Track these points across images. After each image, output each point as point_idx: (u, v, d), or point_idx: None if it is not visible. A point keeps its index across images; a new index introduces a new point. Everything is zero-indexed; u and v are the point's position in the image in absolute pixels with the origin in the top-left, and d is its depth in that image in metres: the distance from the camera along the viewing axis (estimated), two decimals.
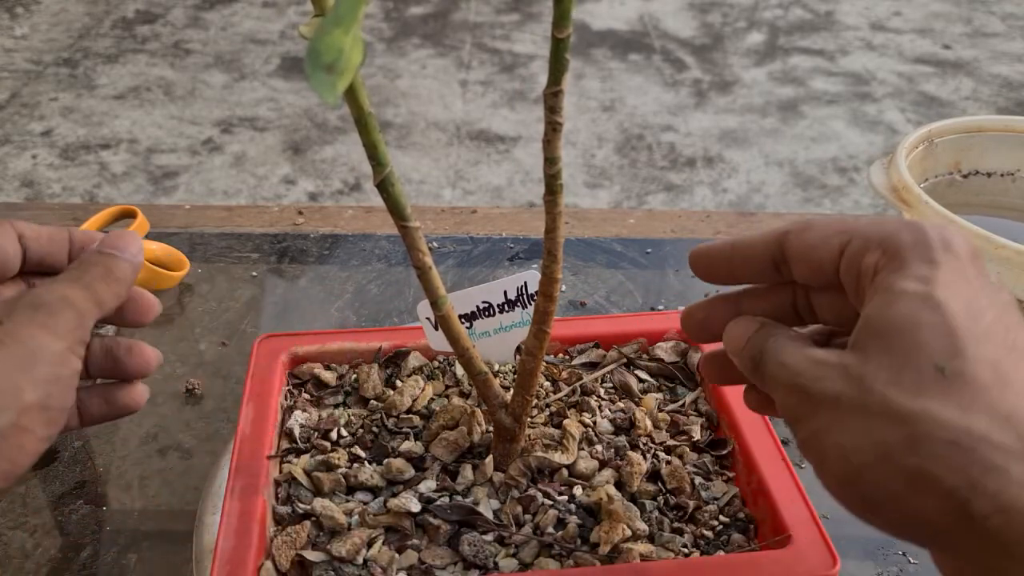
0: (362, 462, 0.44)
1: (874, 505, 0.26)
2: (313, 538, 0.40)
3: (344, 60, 0.23)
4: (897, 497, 0.25)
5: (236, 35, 3.03)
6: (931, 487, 0.25)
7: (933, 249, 0.28)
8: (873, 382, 0.26)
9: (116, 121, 2.50)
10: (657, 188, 2.25)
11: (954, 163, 0.74)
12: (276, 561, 0.39)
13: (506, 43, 3.03)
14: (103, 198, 2.17)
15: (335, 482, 0.42)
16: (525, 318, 0.46)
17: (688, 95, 2.71)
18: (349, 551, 0.39)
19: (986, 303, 0.27)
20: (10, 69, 2.77)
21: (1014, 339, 0.27)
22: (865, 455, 0.26)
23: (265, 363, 0.49)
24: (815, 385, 0.28)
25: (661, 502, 0.43)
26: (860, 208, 2.17)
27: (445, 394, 0.49)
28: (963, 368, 0.26)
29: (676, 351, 0.52)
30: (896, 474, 0.25)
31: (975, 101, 2.69)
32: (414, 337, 0.52)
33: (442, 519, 0.40)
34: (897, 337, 0.27)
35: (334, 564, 0.39)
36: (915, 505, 0.25)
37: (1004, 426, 0.25)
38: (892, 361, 0.26)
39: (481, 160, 2.36)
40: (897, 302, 0.27)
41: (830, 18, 3.28)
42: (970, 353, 0.26)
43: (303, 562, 0.39)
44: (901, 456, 0.25)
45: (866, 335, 0.28)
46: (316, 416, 0.47)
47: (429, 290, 0.38)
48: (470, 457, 0.44)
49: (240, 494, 0.41)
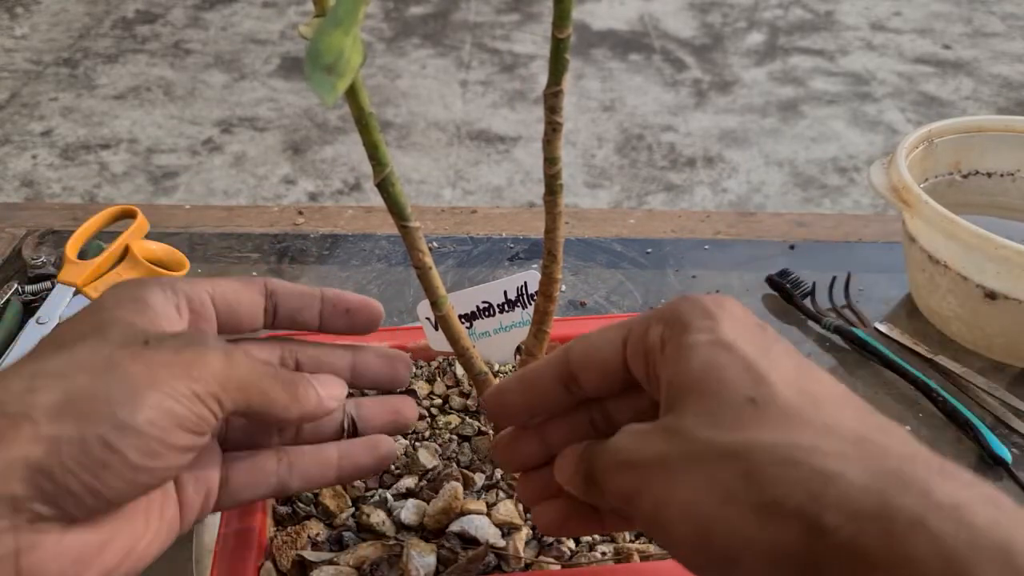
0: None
1: (733, 557, 0.25)
2: (313, 538, 0.40)
3: (344, 61, 0.23)
4: (752, 539, 0.24)
5: (236, 35, 3.03)
6: (779, 513, 0.24)
7: (709, 307, 0.30)
8: (693, 430, 0.26)
9: (116, 121, 2.50)
10: (657, 188, 2.25)
11: (954, 163, 0.74)
12: (276, 561, 0.39)
13: (506, 43, 3.03)
14: (103, 198, 2.17)
15: (335, 491, 0.42)
16: (525, 318, 0.46)
17: (688, 95, 2.71)
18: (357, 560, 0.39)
19: (768, 339, 0.29)
20: (10, 69, 2.77)
21: (798, 362, 0.28)
22: (708, 504, 0.25)
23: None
24: (641, 453, 0.28)
25: None
26: (860, 208, 2.17)
27: (446, 395, 0.49)
28: (772, 393, 0.26)
29: None
30: (743, 512, 0.24)
31: (975, 101, 2.69)
32: (413, 337, 0.52)
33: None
34: (702, 383, 0.27)
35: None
36: (771, 539, 0.24)
37: (828, 436, 0.25)
38: (704, 406, 0.27)
39: (481, 160, 2.36)
40: (692, 355, 0.28)
41: (830, 18, 3.28)
42: (772, 379, 0.27)
43: (303, 562, 0.39)
44: (742, 492, 0.25)
45: (673, 394, 0.28)
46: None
47: (429, 290, 0.38)
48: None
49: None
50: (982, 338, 0.65)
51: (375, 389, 0.43)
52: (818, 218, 0.83)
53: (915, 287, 0.70)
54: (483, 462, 0.45)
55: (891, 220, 0.83)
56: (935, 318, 0.68)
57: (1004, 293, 0.61)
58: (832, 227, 0.82)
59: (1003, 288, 0.61)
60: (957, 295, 0.64)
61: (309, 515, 0.42)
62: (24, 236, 0.76)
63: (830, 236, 0.80)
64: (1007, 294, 0.61)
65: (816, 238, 0.80)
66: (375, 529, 0.40)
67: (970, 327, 0.65)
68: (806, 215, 0.83)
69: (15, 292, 0.69)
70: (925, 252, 0.66)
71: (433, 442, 0.46)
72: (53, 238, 0.76)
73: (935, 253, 0.65)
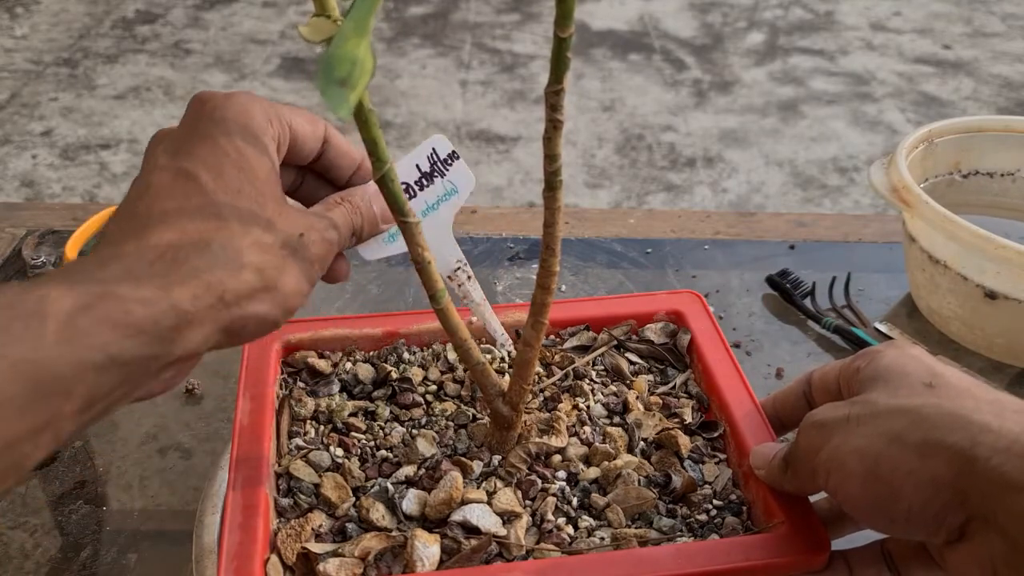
0: (363, 457, 0.44)
1: (894, 489, 0.31)
2: (317, 530, 0.40)
3: (358, 72, 0.23)
4: (912, 471, 0.31)
5: (236, 35, 3.03)
6: (939, 450, 0.30)
7: (898, 343, 0.38)
8: (875, 399, 0.34)
9: (116, 121, 2.50)
10: (657, 188, 2.25)
11: (954, 163, 0.74)
12: (282, 555, 0.39)
13: (506, 43, 3.03)
14: (103, 198, 2.17)
15: (336, 482, 0.43)
16: (448, 188, 0.43)
17: (688, 95, 2.71)
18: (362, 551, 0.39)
19: (947, 367, 0.36)
20: (10, 69, 2.77)
21: (971, 379, 0.35)
22: (878, 445, 0.32)
23: (258, 353, 0.48)
24: (830, 415, 0.35)
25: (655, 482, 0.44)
26: (860, 208, 2.17)
27: (440, 380, 0.49)
28: (945, 382, 0.33)
29: (665, 332, 0.52)
30: (907, 450, 0.31)
31: (975, 101, 2.69)
32: (407, 323, 0.52)
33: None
34: (888, 372, 0.35)
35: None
36: (929, 471, 0.30)
37: (988, 408, 0.31)
38: (887, 387, 0.34)
39: (481, 160, 2.36)
40: (883, 357, 0.36)
41: (830, 18, 3.28)
42: (947, 375, 0.34)
43: (308, 555, 0.39)
44: (909, 435, 0.31)
45: (863, 386, 0.36)
46: (312, 407, 0.47)
47: (428, 284, 0.38)
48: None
49: (242, 487, 0.41)
50: (982, 338, 0.65)
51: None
52: (818, 218, 0.83)
53: (915, 287, 0.70)
54: (480, 449, 0.45)
55: (891, 220, 0.83)
56: (935, 318, 0.68)
57: (1004, 293, 0.61)
58: (832, 227, 0.82)
59: (1003, 288, 0.61)
60: (957, 295, 0.64)
61: (312, 506, 0.42)
62: (24, 236, 0.76)
63: (830, 236, 0.80)
64: (1007, 294, 0.61)
65: (816, 238, 0.80)
66: (376, 525, 0.41)
67: (970, 327, 0.65)
68: (806, 215, 0.83)
69: None
70: (925, 252, 0.66)
71: (430, 429, 0.46)
72: (53, 238, 0.76)
73: (935, 253, 0.65)
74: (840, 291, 0.72)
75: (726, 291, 0.72)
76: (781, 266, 0.73)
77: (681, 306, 0.53)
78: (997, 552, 0.29)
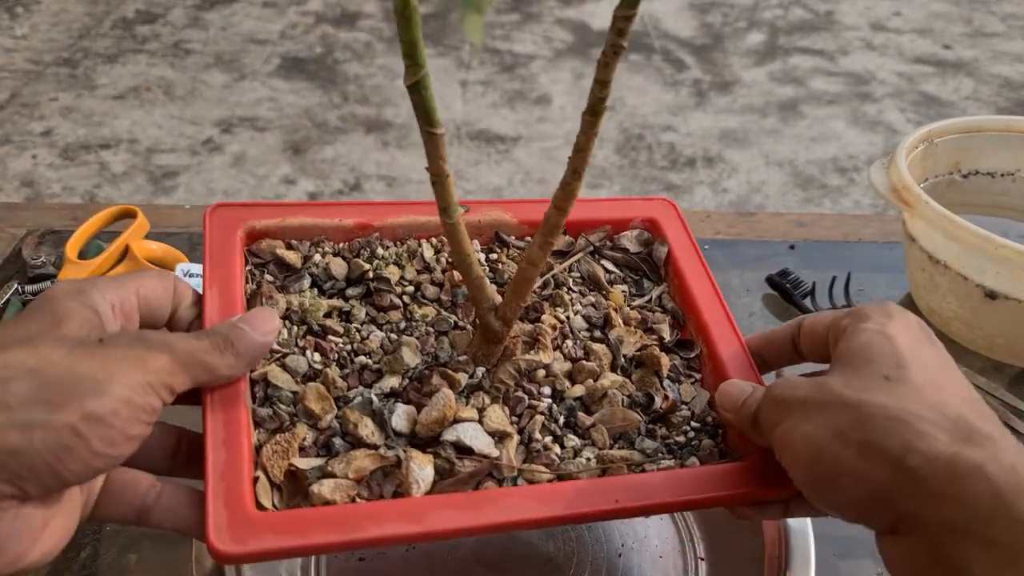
0: (341, 362, 0.42)
1: (833, 479, 0.33)
2: (301, 443, 0.38)
3: None
4: (850, 468, 0.32)
5: (236, 35, 3.03)
6: (875, 453, 0.31)
7: (890, 309, 0.38)
8: (832, 386, 0.34)
9: (116, 121, 2.50)
10: (657, 188, 2.25)
11: (954, 163, 0.74)
12: (269, 473, 0.36)
13: (506, 43, 3.03)
14: (103, 198, 2.17)
15: (319, 393, 0.40)
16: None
17: (688, 95, 2.71)
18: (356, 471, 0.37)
19: (928, 345, 0.36)
20: (10, 69, 2.77)
21: (943, 363, 0.36)
22: (824, 436, 0.33)
23: (222, 239, 0.44)
24: (789, 393, 0.36)
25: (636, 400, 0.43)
26: (860, 208, 2.17)
27: (417, 281, 0.47)
28: (905, 376, 0.34)
29: (640, 241, 0.51)
30: (848, 447, 0.32)
31: (975, 101, 2.69)
32: (380, 215, 0.48)
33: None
34: (856, 358, 0.36)
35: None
36: (864, 469, 0.32)
37: (933, 411, 0.32)
38: (848, 372, 0.35)
39: (481, 160, 2.36)
40: (859, 335, 0.36)
41: (830, 18, 3.28)
42: (911, 367, 0.34)
43: (295, 473, 0.37)
44: (851, 432, 0.32)
45: (835, 361, 0.37)
46: (284, 305, 0.43)
47: (441, 197, 0.38)
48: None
49: (220, 404, 0.37)
50: (982, 338, 0.65)
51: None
52: (818, 218, 0.83)
53: (915, 287, 0.70)
54: (464, 361, 0.42)
55: (891, 220, 0.83)
56: (935, 318, 0.68)
57: (1004, 293, 0.61)
58: (832, 227, 0.82)
59: (1003, 288, 0.61)
60: (957, 295, 0.64)
61: (293, 418, 0.39)
62: (24, 236, 0.76)
63: (830, 236, 0.80)
64: (1007, 294, 0.61)
65: (816, 238, 0.80)
66: (365, 441, 0.38)
67: (970, 327, 0.65)
68: (806, 215, 0.83)
69: (15, 292, 0.69)
70: (925, 252, 0.66)
71: (411, 336, 0.43)
72: (53, 238, 0.76)
73: (935, 253, 0.65)
74: (840, 291, 0.72)
75: (726, 291, 0.72)
76: (781, 266, 0.73)
77: (655, 213, 0.52)
78: (922, 551, 0.31)
